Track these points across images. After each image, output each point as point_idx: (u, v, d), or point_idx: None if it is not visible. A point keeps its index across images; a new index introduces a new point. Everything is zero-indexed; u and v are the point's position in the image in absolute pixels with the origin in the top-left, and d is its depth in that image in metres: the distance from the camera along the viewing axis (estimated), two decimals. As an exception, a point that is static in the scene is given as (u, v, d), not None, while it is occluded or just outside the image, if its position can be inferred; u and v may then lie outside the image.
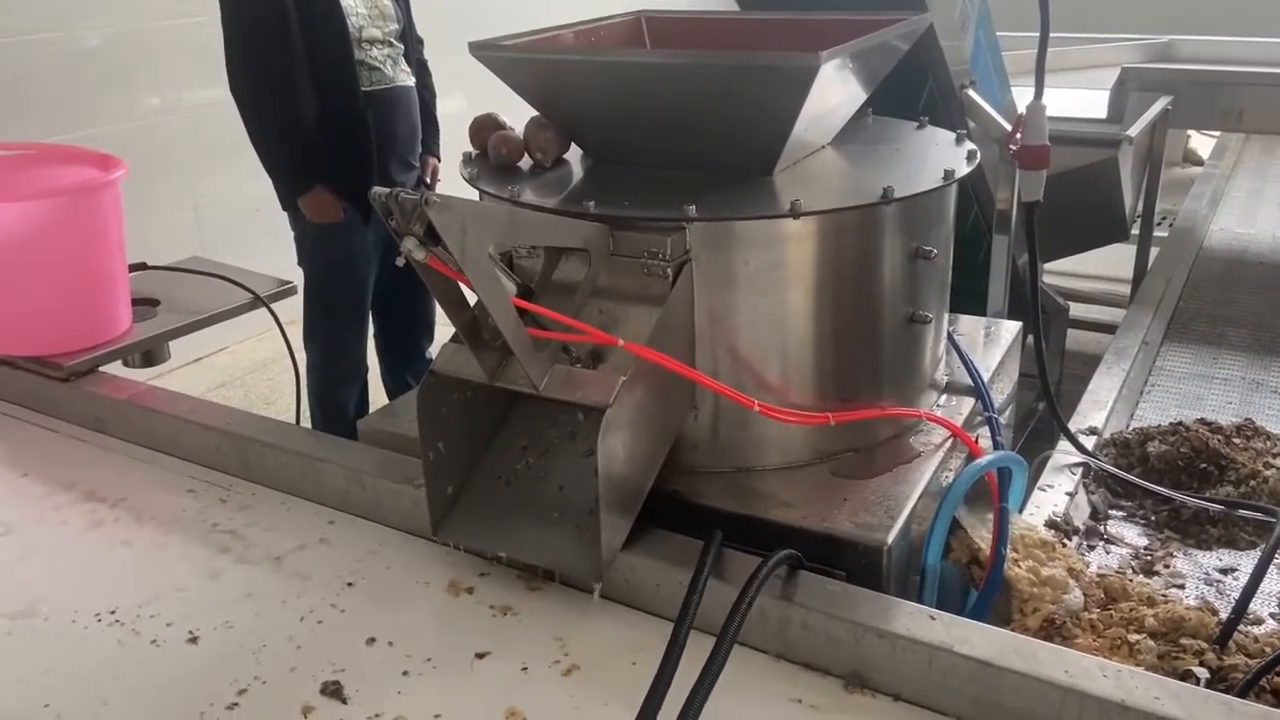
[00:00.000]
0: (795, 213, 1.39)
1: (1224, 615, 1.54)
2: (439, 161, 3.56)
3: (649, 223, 1.39)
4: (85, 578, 1.44)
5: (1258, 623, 1.62)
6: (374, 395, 3.65)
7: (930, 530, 1.48)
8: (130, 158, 1.99)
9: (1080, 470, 2.08)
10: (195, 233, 4.79)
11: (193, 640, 1.28)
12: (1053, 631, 1.46)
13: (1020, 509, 1.71)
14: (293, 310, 2.58)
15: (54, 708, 1.18)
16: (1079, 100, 4.09)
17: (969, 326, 2.04)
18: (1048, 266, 4.38)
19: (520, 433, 1.47)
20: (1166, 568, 1.79)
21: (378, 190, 1.12)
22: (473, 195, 1.55)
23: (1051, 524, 1.86)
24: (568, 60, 1.66)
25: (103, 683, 1.22)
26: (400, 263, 1.16)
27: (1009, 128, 2.43)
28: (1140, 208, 4.19)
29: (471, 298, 1.25)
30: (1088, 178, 3.55)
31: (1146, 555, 1.84)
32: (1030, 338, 2.13)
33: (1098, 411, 2.37)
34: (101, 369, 1.94)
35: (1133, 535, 1.91)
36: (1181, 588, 1.74)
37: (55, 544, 1.51)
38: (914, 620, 1.17)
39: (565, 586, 1.36)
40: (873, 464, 1.52)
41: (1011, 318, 2.18)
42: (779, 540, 1.29)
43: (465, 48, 1.58)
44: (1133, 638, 1.47)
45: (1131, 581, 1.64)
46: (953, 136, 1.79)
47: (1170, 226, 4.19)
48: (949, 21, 2.60)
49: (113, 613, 1.33)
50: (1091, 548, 1.86)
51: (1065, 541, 1.75)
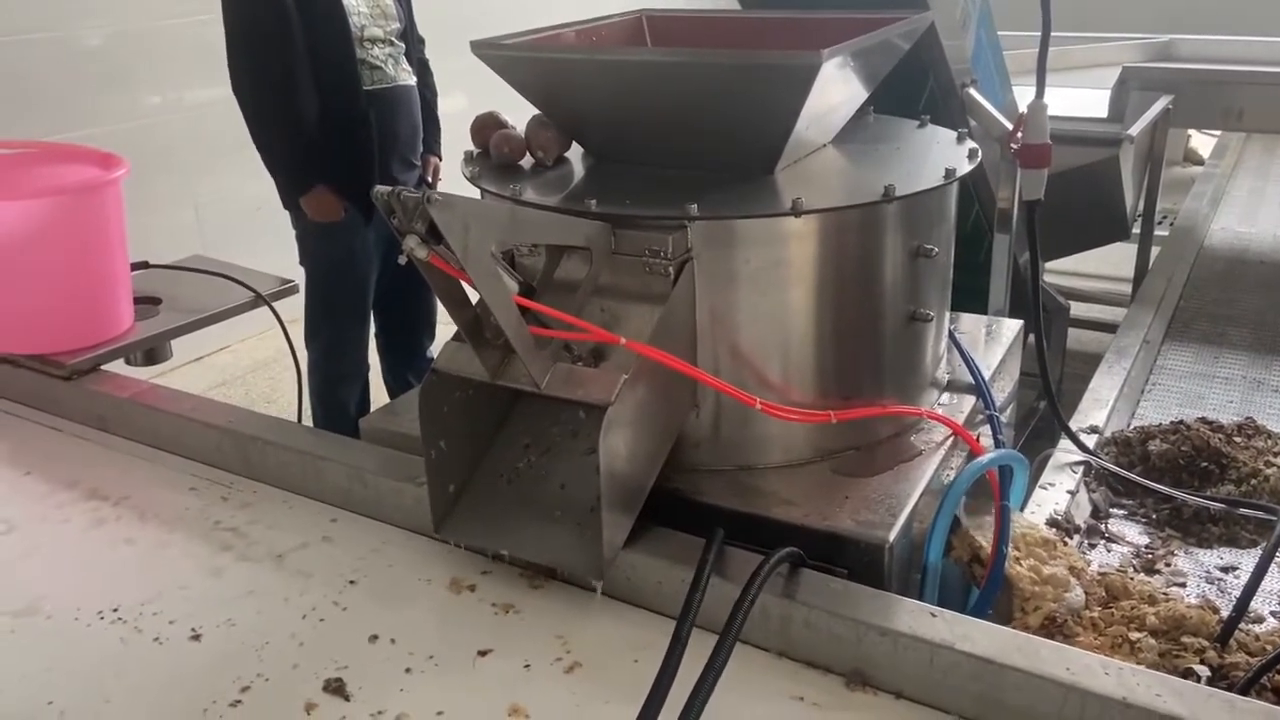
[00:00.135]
0: (797, 211, 1.39)
1: (1225, 613, 1.54)
2: (440, 160, 3.56)
3: (651, 221, 1.39)
4: (88, 576, 1.44)
5: (1259, 621, 1.62)
6: (375, 394, 3.66)
7: (932, 528, 1.48)
8: (131, 157, 1.99)
9: (1081, 469, 2.08)
10: (196, 232, 4.79)
11: (195, 638, 1.28)
12: (1054, 630, 1.46)
13: (1021, 507, 1.71)
14: (294, 309, 2.58)
15: (57, 705, 1.18)
16: (1080, 99, 4.10)
17: (970, 325, 2.04)
18: (1049, 265, 4.38)
19: (522, 431, 1.47)
20: (1168, 566, 1.80)
21: (380, 189, 1.12)
22: (474, 194, 1.55)
23: (1053, 522, 1.86)
24: (569, 59, 1.66)
25: (105, 680, 1.22)
26: (402, 261, 1.16)
27: (1010, 126, 2.44)
28: (1141, 207, 4.19)
29: (473, 296, 1.26)
30: (1089, 177, 3.55)
31: (1148, 554, 1.84)
32: (1031, 336, 2.13)
33: (1099, 410, 2.38)
34: (103, 367, 1.94)
35: (1134, 534, 1.91)
36: (1183, 586, 1.74)
37: (58, 542, 1.52)
38: (916, 618, 1.17)
39: (567, 584, 1.36)
40: (874, 462, 1.53)
41: (1013, 316, 2.19)
42: (781, 538, 1.30)
43: (466, 47, 1.58)
44: (1134, 636, 1.47)
45: (1133, 580, 1.64)
46: (954, 135, 1.79)
47: (1171, 225, 4.20)
48: (950, 20, 2.60)
49: (115, 610, 1.33)
50: (1093, 546, 1.86)
51: (1066, 540, 1.75)
